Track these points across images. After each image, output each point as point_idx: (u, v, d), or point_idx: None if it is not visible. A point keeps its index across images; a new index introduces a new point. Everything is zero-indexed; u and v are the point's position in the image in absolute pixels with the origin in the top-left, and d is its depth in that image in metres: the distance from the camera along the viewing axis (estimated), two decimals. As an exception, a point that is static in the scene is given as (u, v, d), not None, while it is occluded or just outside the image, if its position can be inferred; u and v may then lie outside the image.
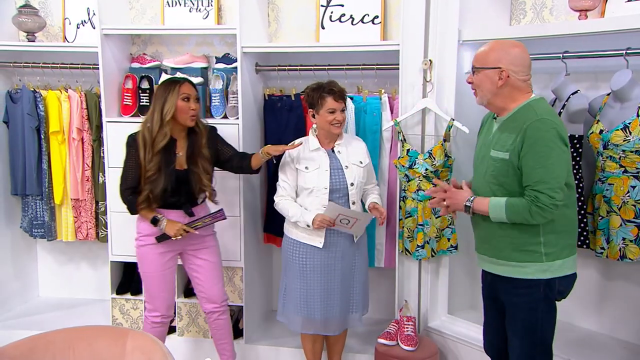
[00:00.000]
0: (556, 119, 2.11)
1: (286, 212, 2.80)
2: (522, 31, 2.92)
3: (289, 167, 2.82)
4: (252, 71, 3.37)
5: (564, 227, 2.16)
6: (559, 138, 2.05)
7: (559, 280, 2.16)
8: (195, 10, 3.54)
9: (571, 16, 2.76)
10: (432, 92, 2.96)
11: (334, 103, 2.73)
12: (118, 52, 3.50)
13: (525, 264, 2.16)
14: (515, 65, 2.14)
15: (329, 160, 2.79)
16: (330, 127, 2.75)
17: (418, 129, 3.04)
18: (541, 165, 2.05)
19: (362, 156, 2.86)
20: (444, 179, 2.95)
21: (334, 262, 2.82)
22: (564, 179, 2.07)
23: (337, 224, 2.70)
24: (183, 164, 2.78)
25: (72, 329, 1.58)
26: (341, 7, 3.39)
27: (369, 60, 3.23)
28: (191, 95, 2.73)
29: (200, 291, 2.95)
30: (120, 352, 1.37)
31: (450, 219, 3.00)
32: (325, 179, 2.75)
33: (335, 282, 2.83)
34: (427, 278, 3.12)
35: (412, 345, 2.89)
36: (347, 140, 2.86)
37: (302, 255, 2.82)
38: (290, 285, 2.89)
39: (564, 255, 2.16)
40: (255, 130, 3.44)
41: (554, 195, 2.04)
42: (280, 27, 3.55)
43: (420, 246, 2.98)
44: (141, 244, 2.83)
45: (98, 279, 3.94)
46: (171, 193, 2.74)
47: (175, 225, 2.73)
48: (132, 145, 2.75)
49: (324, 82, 2.82)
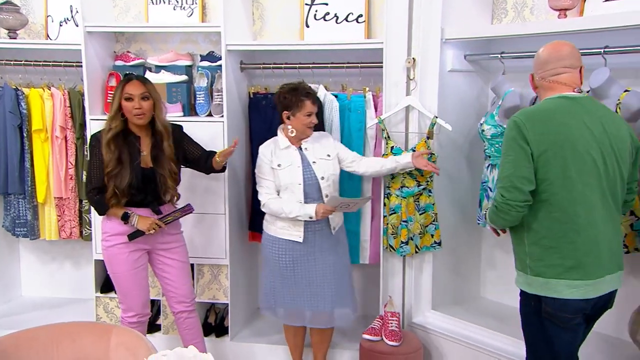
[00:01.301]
0: (532, 118, 2.03)
1: (282, 210, 2.81)
2: (504, 30, 2.98)
3: (267, 166, 2.87)
4: (236, 69, 3.38)
5: (552, 243, 2.03)
6: (520, 137, 2.00)
7: (544, 299, 2.07)
8: (180, 8, 3.54)
9: (551, 15, 2.80)
10: (415, 90, 2.99)
11: (312, 107, 2.82)
12: (101, 49, 3.48)
13: (519, 272, 2.17)
14: (536, 66, 2.15)
15: (300, 157, 2.86)
16: (305, 130, 2.85)
17: (402, 127, 3.07)
18: (500, 165, 2.08)
19: (329, 149, 2.93)
20: (427, 176, 2.99)
21: (313, 257, 2.88)
22: (518, 179, 2.00)
23: (337, 210, 2.82)
24: (148, 163, 2.77)
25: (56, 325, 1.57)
26: (325, 6, 3.40)
27: (353, 58, 3.26)
28: (134, 94, 2.69)
29: (170, 291, 2.93)
30: (104, 348, 1.36)
31: (433, 216, 3.04)
32: (298, 175, 2.83)
33: (314, 277, 2.89)
34: (411, 274, 3.16)
35: (396, 340, 2.92)
36: (313, 137, 2.93)
37: (282, 251, 2.89)
38: (271, 280, 2.97)
39: (549, 274, 2.04)
40: (240, 129, 3.45)
41: (505, 194, 2.01)
42: (265, 25, 3.56)
43: (404, 242, 3.01)
44: (109, 245, 2.80)
45: (81, 278, 3.92)
46: (137, 191, 2.74)
47: (147, 220, 2.73)
48: (95, 144, 2.75)
49: (296, 84, 2.88)
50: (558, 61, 2.09)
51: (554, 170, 1.99)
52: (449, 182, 3.17)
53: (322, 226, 2.89)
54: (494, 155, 2.95)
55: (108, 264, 2.83)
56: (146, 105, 2.72)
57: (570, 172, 1.99)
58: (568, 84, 2.09)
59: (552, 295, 2.03)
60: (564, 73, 2.09)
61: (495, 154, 2.94)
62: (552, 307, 2.06)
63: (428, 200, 3.01)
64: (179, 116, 3.32)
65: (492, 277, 3.43)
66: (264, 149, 2.91)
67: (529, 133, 1.99)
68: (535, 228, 2.05)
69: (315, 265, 2.89)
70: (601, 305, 2.12)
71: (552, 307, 2.06)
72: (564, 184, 1.99)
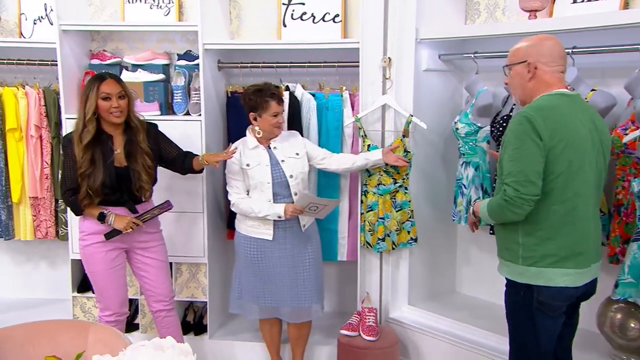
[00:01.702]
0: (542, 113, 2.01)
1: (251, 210, 2.86)
2: (477, 30, 3.05)
3: (235, 166, 2.91)
4: (214, 68, 3.39)
5: (549, 235, 2.05)
6: (533, 131, 1.98)
7: (537, 288, 2.08)
8: (156, 7, 3.53)
9: (522, 16, 2.88)
10: (391, 89, 3.04)
11: (278, 107, 2.86)
12: (77, 48, 3.46)
13: (507, 262, 2.16)
14: (544, 57, 2.07)
15: (269, 156, 2.90)
16: (272, 130, 2.89)
17: (378, 125, 3.12)
18: (512, 158, 2.03)
19: (298, 148, 2.97)
20: (403, 173, 3.04)
21: (284, 254, 2.94)
22: (533, 173, 1.99)
23: (305, 211, 2.83)
24: (122, 161, 2.76)
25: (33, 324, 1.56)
26: (302, 6, 3.43)
27: (330, 57, 3.29)
28: (112, 93, 2.69)
29: (149, 290, 2.93)
30: (82, 346, 1.31)
31: (409, 212, 3.09)
32: (267, 174, 2.87)
33: (287, 273, 2.94)
34: (387, 270, 3.21)
35: (373, 335, 2.97)
36: (282, 136, 2.97)
37: (253, 249, 2.94)
38: (243, 277, 3.02)
39: (544, 263, 2.06)
40: (217, 127, 3.46)
41: (519, 188, 1.99)
42: (242, 24, 3.58)
43: (381, 239, 3.06)
44: (86, 244, 2.78)
45: (57, 278, 3.88)
46: (112, 190, 2.72)
47: (124, 219, 2.72)
48: (68, 145, 2.73)
49: (261, 85, 2.92)
50: (563, 58, 2.12)
51: (560, 164, 2.00)
52: (424, 179, 3.23)
53: (292, 224, 2.93)
54: (468, 153, 3.02)
55: (85, 263, 2.82)
56: (123, 103, 2.72)
57: (573, 167, 2.02)
58: (564, 82, 2.15)
59: (546, 284, 2.05)
60: (564, 72, 2.13)
61: (470, 152, 3.01)
62: (545, 296, 2.07)
63: (404, 197, 3.07)
64: (156, 115, 3.31)
65: (467, 273, 3.51)
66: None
67: (541, 127, 1.98)
68: (532, 219, 2.05)
69: (286, 262, 2.94)
70: (585, 292, 2.17)
71: (545, 296, 2.07)
72: (567, 178, 2.02)
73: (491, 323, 2.96)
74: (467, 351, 2.89)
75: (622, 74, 2.57)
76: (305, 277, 2.97)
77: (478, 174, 3.00)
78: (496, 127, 2.90)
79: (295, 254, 2.95)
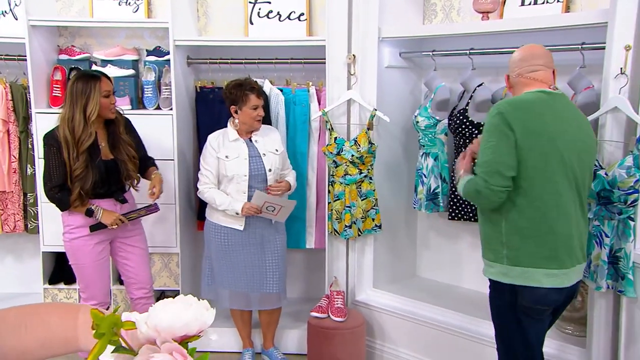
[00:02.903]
0: (514, 107, 2.07)
1: (213, 201, 2.99)
2: (434, 30, 3.25)
3: (211, 156, 3.01)
4: (184, 64, 3.49)
5: (531, 232, 2.06)
6: (504, 124, 2.02)
7: (520, 289, 2.07)
8: (125, 4, 3.60)
9: (475, 17, 3.09)
10: (356, 84, 3.21)
11: (257, 100, 2.97)
12: (45, 43, 3.49)
13: (492, 263, 2.16)
14: (510, 67, 2.22)
15: (248, 149, 3.02)
16: (253, 123, 3.00)
17: (344, 119, 3.28)
18: (481, 150, 2.09)
19: (277, 145, 3.11)
20: (368, 164, 3.22)
21: (254, 243, 3.07)
22: (501, 164, 2.02)
23: (263, 211, 2.96)
24: (108, 154, 2.82)
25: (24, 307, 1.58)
26: (268, 4, 3.56)
27: (297, 54, 3.44)
28: (110, 90, 2.77)
29: (131, 277, 3.01)
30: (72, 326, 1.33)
31: (374, 201, 3.28)
32: (244, 167, 2.98)
33: (254, 261, 3.08)
34: (354, 256, 3.38)
35: (341, 316, 3.14)
36: (263, 131, 3.10)
37: (224, 237, 3.06)
38: (214, 264, 3.13)
39: (527, 263, 2.05)
40: (188, 121, 3.57)
41: (488, 179, 2.03)
42: (210, 21, 3.68)
43: (348, 226, 3.24)
44: (73, 237, 2.83)
45: (26, 271, 3.89)
46: (102, 184, 2.78)
47: (112, 215, 2.79)
48: (54, 144, 2.70)
49: (242, 80, 3.04)
50: (533, 59, 2.17)
51: (534, 158, 2.02)
52: (387, 169, 3.42)
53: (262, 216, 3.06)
54: (427, 145, 3.23)
55: (72, 255, 2.86)
56: (114, 99, 2.81)
57: (549, 164, 2.03)
58: (544, 80, 2.15)
59: (531, 284, 2.04)
60: (540, 70, 2.16)
61: (429, 143, 3.22)
62: (529, 300, 2.07)
63: (369, 186, 3.25)
64: (127, 109, 3.38)
65: (427, 257, 3.72)
66: (212, 140, 3.04)
67: (513, 120, 2.02)
68: (514, 217, 2.06)
69: (256, 250, 3.08)
70: (569, 295, 2.17)
71: (529, 300, 2.07)
72: (543, 174, 2.03)
73: (449, 302, 3.19)
74: (428, 328, 3.09)
75: (566, 71, 2.80)
76: (274, 265, 3.11)
77: (437, 164, 3.21)
78: (453, 120, 3.11)
79: (264, 242, 3.09)
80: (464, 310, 3.07)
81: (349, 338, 3.13)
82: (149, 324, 0.96)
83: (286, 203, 3.04)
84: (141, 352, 0.93)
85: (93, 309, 1.00)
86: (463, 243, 3.50)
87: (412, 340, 3.17)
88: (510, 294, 2.10)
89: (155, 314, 0.95)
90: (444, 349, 3.03)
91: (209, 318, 0.98)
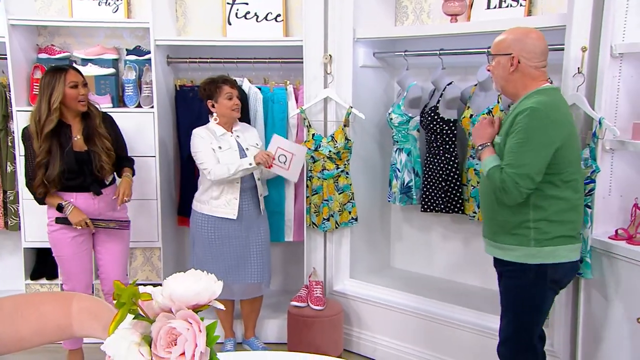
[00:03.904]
0: (554, 111, 2.11)
1: (227, 170, 3.00)
2: (405, 31, 3.41)
3: (205, 143, 3.09)
4: (164, 63, 3.58)
5: (558, 217, 2.17)
6: (545, 130, 2.06)
7: (550, 267, 2.18)
8: (105, 4, 3.66)
9: (444, 19, 3.25)
10: (332, 83, 3.34)
11: (230, 89, 3.10)
12: (25, 42, 3.53)
13: (514, 247, 2.22)
14: (527, 52, 2.17)
15: (236, 143, 3.15)
16: (230, 113, 3.12)
17: (321, 116, 3.41)
18: (515, 150, 2.09)
19: (256, 139, 3.26)
20: (344, 159, 3.36)
21: (242, 233, 3.18)
22: (535, 168, 2.08)
23: (275, 163, 3.06)
24: (82, 146, 2.87)
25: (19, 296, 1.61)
26: (246, 5, 3.67)
27: (274, 54, 3.56)
28: (78, 81, 2.82)
29: (102, 272, 3.05)
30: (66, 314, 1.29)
31: (350, 195, 3.42)
32: (236, 158, 3.10)
33: (238, 252, 3.19)
34: (331, 248, 3.52)
35: (320, 305, 3.28)
36: (241, 127, 3.23)
37: (211, 228, 3.16)
38: (201, 256, 3.22)
39: (556, 243, 2.18)
40: (168, 119, 3.66)
41: (519, 181, 2.07)
42: (189, 22, 3.77)
43: (326, 219, 3.38)
44: (53, 229, 2.91)
45: (6, 269, 3.90)
46: (74, 175, 2.83)
47: (79, 216, 2.83)
48: (27, 138, 2.82)
49: (215, 76, 3.16)
50: (545, 54, 2.23)
51: (570, 155, 2.14)
52: (363, 165, 3.56)
53: (252, 207, 3.19)
54: (401, 140, 3.38)
55: (53, 247, 2.94)
56: (86, 91, 2.87)
57: (579, 157, 2.22)
58: (547, 76, 2.25)
59: (560, 260, 2.18)
60: (546, 66, 2.24)
61: (402, 139, 3.38)
62: (561, 274, 2.22)
63: (346, 181, 3.39)
64: (109, 107, 3.45)
65: (400, 249, 3.88)
66: (200, 131, 3.13)
67: (553, 126, 2.08)
68: (543, 205, 2.15)
69: (244, 241, 3.19)
70: None
71: (561, 274, 2.22)
72: (574, 166, 2.18)
73: (421, 290, 3.36)
74: (402, 315, 3.25)
75: (528, 70, 3.01)
76: (257, 255, 3.23)
77: (410, 159, 3.37)
78: (425, 117, 3.27)
79: (250, 234, 3.20)
80: (435, 297, 3.25)
81: (327, 326, 3.27)
82: (165, 294, 1.08)
83: (298, 150, 3.14)
84: (158, 319, 1.05)
85: (115, 281, 1.10)
86: (435, 234, 3.68)
87: (387, 326, 3.33)
88: (537, 273, 2.19)
89: (170, 285, 1.07)
90: (418, 333, 3.20)
91: (218, 289, 1.10)
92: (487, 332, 2.91)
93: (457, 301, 3.19)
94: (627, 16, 2.38)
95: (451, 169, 3.20)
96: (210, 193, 3.13)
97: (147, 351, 1.02)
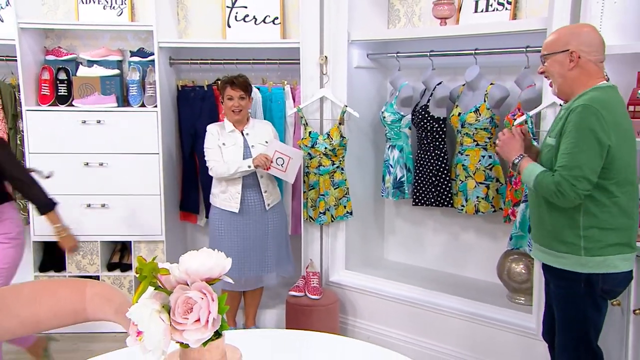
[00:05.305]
0: (607, 109, 2.00)
1: (226, 169, 3.20)
2: (398, 34, 3.57)
3: (214, 140, 3.27)
4: (166, 64, 3.74)
5: (610, 225, 2.06)
6: (599, 128, 1.96)
7: (601, 277, 2.08)
8: (109, 8, 3.82)
9: (434, 22, 3.40)
10: (328, 83, 3.49)
11: (231, 91, 3.24)
12: (34, 44, 3.69)
13: (564, 255, 2.13)
14: (586, 45, 2.06)
15: (243, 139, 3.29)
16: (230, 113, 3.28)
17: (317, 114, 3.56)
18: (569, 151, 2.00)
19: (267, 136, 3.37)
20: (340, 156, 3.52)
21: (247, 228, 3.33)
22: (590, 169, 1.98)
23: (273, 165, 3.21)
24: None
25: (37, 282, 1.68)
26: (245, 9, 3.83)
27: (272, 56, 3.72)
28: None
29: None
30: (80, 300, 1.37)
31: (345, 190, 3.58)
32: (239, 155, 3.26)
33: (248, 245, 3.33)
34: (327, 240, 3.67)
35: (317, 294, 3.44)
36: (253, 124, 3.38)
37: (220, 222, 3.33)
38: (212, 246, 3.33)
39: (608, 252, 2.06)
40: (170, 118, 3.81)
41: (576, 183, 1.98)
42: (189, 25, 3.93)
43: (322, 213, 3.54)
44: None
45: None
46: None
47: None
48: None
49: (228, 76, 3.29)
50: (602, 47, 2.11)
51: (624, 157, 2.03)
52: (357, 161, 3.72)
53: (256, 202, 3.34)
54: (393, 138, 3.54)
55: None
56: None
57: (634, 159, 2.08)
58: (603, 72, 2.14)
59: (611, 271, 2.07)
60: (603, 61, 2.13)
61: (395, 137, 3.54)
62: (611, 284, 2.10)
63: (341, 176, 3.55)
64: (113, 107, 3.62)
65: (393, 241, 4.05)
66: (212, 128, 3.32)
67: (610, 125, 1.98)
68: (594, 212, 2.06)
69: (250, 235, 3.33)
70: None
71: (611, 284, 2.10)
72: (628, 169, 2.06)
73: (413, 280, 3.52)
74: (395, 303, 3.41)
75: (513, 71, 3.17)
76: (265, 248, 3.38)
77: (402, 155, 3.52)
78: (416, 115, 3.44)
79: (257, 227, 3.35)
80: (426, 286, 3.41)
81: (324, 314, 3.43)
82: (181, 269, 1.24)
83: (295, 154, 3.29)
84: (176, 290, 1.21)
85: (139, 256, 1.26)
86: (426, 227, 3.84)
87: (381, 315, 3.49)
88: (587, 283, 2.10)
89: (186, 261, 1.24)
90: (410, 321, 3.36)
91: (228, 264, 1.26)
92: (476, 319, 3.08)
93: (447, 290, 3.35)
94: (602, 21, 2.54)
95: (441, 165, 3.37)
96: (219, 187, 3.32)
97: (167, 317, 1.17)
